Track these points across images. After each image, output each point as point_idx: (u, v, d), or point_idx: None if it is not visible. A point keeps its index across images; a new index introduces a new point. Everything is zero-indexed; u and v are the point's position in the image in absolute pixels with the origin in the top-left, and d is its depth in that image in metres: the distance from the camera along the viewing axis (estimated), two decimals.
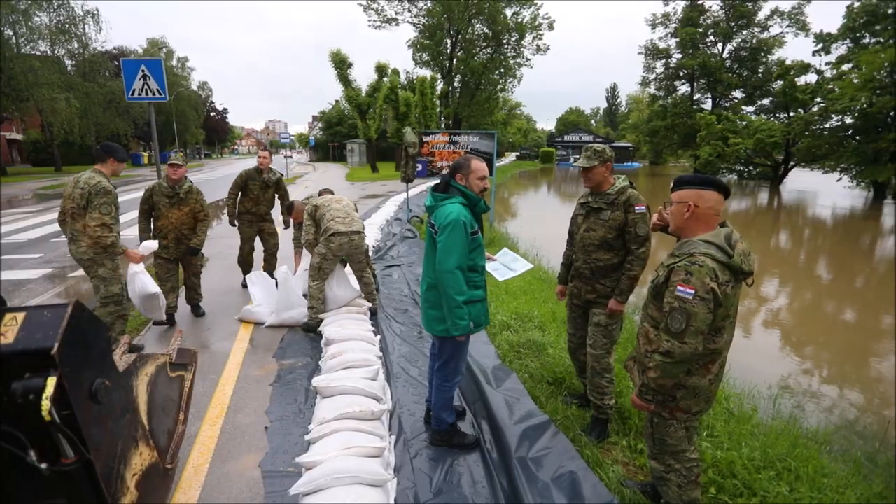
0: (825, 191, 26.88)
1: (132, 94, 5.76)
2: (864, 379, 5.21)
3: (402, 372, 3.57)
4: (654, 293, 1.91)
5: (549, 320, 4.68)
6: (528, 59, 35.17)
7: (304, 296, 5.02)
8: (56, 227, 8.41)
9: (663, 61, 42.56)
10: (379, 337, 4.01)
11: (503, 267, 2.97)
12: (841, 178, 26.22)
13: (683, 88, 42.75)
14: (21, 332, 1.28)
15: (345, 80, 27.01)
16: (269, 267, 5.61)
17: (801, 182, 32.08)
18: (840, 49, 27.78)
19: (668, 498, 2.03)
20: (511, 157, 62.86)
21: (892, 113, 23.35)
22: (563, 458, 2.40)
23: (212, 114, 60.22)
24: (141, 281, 3.76)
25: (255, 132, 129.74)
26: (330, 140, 50.09)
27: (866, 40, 25.85)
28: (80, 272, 6.46)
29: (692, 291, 1.70)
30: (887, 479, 2.75)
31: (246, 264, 5.54)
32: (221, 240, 7.92)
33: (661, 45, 42.27)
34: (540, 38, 34.32)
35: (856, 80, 22.76)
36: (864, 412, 4.42)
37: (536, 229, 11.58)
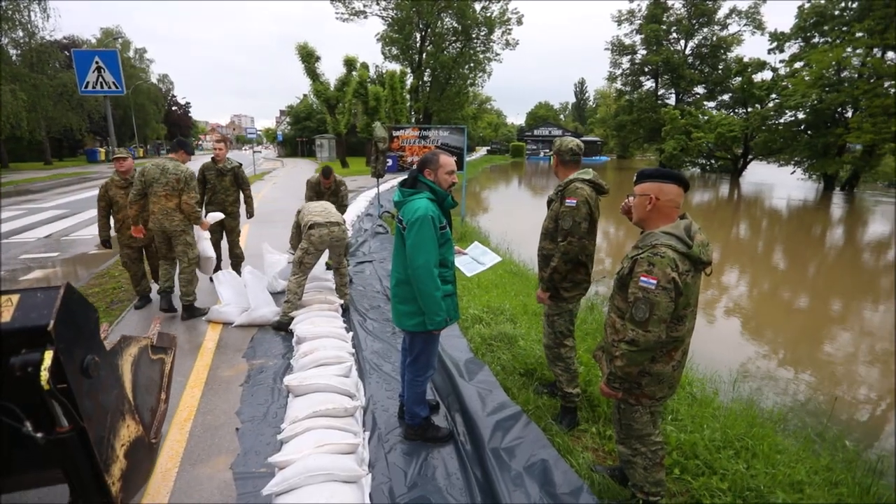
0: (781, 183, 28.16)
1: (86, 86, 5.50)
2: (816, 361, 5.51)
3: (375, 368, 3.56)
4: (620, 284, 1.97)
5: (521, 313, 4.75)
6: (497, 54, 35.39)
7: (274, 293, 4.97)
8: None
9: (629, 57, 43.59)
10: (351, 333, 3.99)
11: (473, 261, 2.99)
12: (795, 171, 27.59)
13: (648, 84, 43.94)
14: (17, 312, 1.39)
15: (313, 73, 26.49)
16: (236, 263, 5.51)
17: (759, 175, 33.50)
18: (793, 48, 29.11)
19: (635, 480, 2.11)
20: (482, 151, 63.19)
21: (839, 109, 24.67)
22: (534, 447, 2.46)
23: (174, 108, 57.95)
24: (202, 246, 4.67)
25: (221, 127, 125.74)
26: (298, 135, 49.05)
27: (816, 40, 27.14)
28: (33, 275, 6.15)
29: (654, 281, 1.76)
30: (832, 452, 2.93)
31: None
32: None
33: (627, 41, 43.31)
34: (509, 33, 34.56)
35: (807, 78, 23.91)
36: (815, 392, 4.68)
37: (507, 223, 11.72)
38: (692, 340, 2.03)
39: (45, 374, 1.31)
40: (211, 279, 5.20)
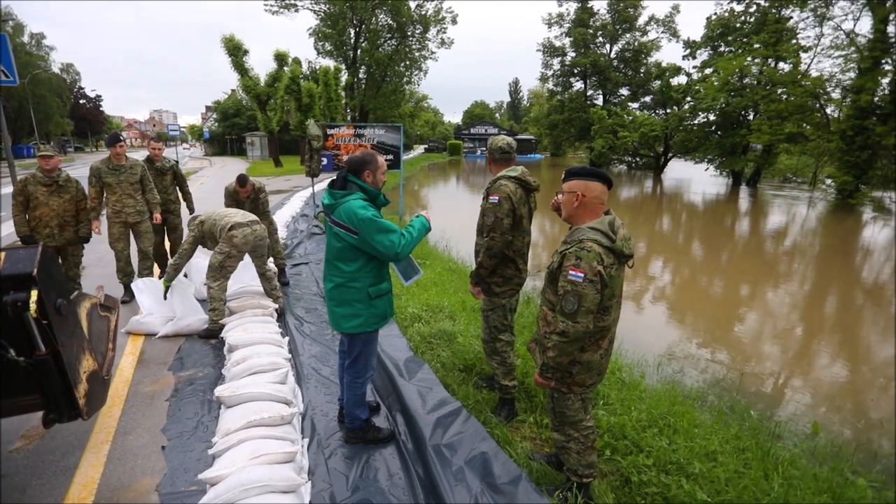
0: (697, 179, 30.58)
1: None
2: (730, 341, 6.05)
3: (314, 372, 3.47)
4: (550, 278, 2.06)
5: (460, 310, 4.82)
6: (433, 52, 35.47)
7: (201, 300, 4.70)
8: None
9: (559, 59, 45.28)
10: (287, 338, 3.86)
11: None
12: (708, 168, 30.05)
13: (578, 85, 45.86)
14: (6, 264, 1.85)
15: (241, 68, 25.21)
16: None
17: (678, 171, 36.17)
18: (703, 55, 31.68)
19: (569, 464, 2.22)
20: (419, 149, 63.15)
21: (743, 112, 27.22)
22: (475, 441, 2.51)
23: (81, 101, 52.89)
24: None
25: (139, 123, 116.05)
26: (227, 132, 46.45)
27: (722, 48, 29.73)
28: None
29: (582, 275, 1.85)
30: (740, 422, 3.24)
31: (158, 255, 5.38)
32: (101, 244, 7.04)
33: (557, 43, 44.94)
34: (444, 32, 34.74)
35: (715, 83, 26.11)
36: (728, 369, 5.14)
37: (446, 220, 11.82)
38: (621, 328, 2.16)
39: (33, 306, 1.79)
40: (129, 287, 4.83)
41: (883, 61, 18.41)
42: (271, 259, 5.53)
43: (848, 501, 2.32)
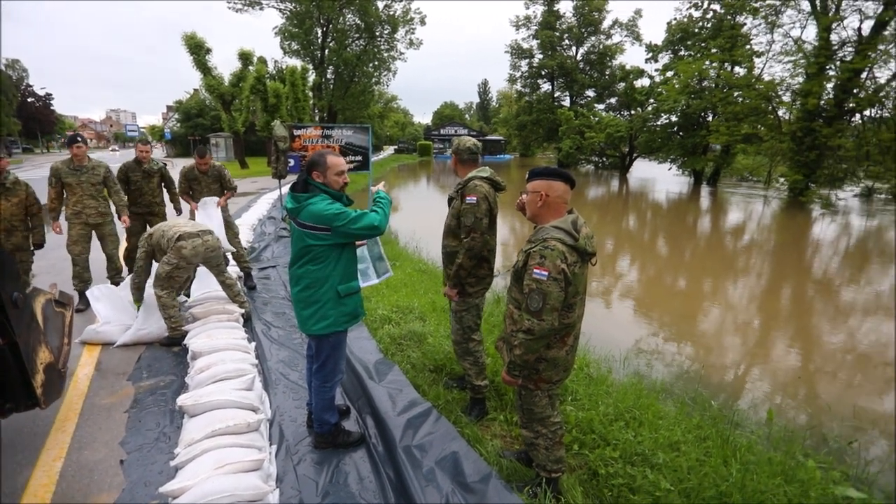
0: (661, 178, 31.57)
1: None
2: (694, 334, 6.27)
3: (282, 378, 3.41)
4: (516, 277, 2.08)
5: (430, 310, 4.81)
6: (401, 53, 35.33)
7: None
8: None
9: (527, 61, 45.90)
10: (254, 344, 3.77)
11: (368, 263, 2.97)
12: (671, 168, 31.09)
13: (546, 86, 46.61)
14: None
15: (203, 67, 24.43)
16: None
17: (643, 171, 37.25)
18: (665, 58, 32.72)
19: (538, 460, 2.25)
20: (389, 150, 62.82)
21: (702, 114, 28.31)
22: (445, 441, 2.51)
23: (30, 99, 50.18)
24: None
25: (94, 123, 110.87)
26: (190, 133, 44.99)
27: (682, 52, 30.82)
28: None
29: (546, 273, 1.89)
30: (702, 412, 3.36)
31: (132, 259, 5.18)
32: (53, 251, 6.69)
33: (525, 45, 45.53)
34: (412, 33, 34.66)
35: (676, 86, 27.02)
36: (692, 361, 5.32)
37: (416, 221, 11.81)
38: (589, 324, 2.21)
39: None
40: (84, 295, 4.63)
41: (827, 67, 19.47)
42: (234, 265, 5.39)
43: (798, 482, 2.44)
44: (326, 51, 33.01)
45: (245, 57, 25.49)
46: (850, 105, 19.19)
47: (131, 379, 3.39)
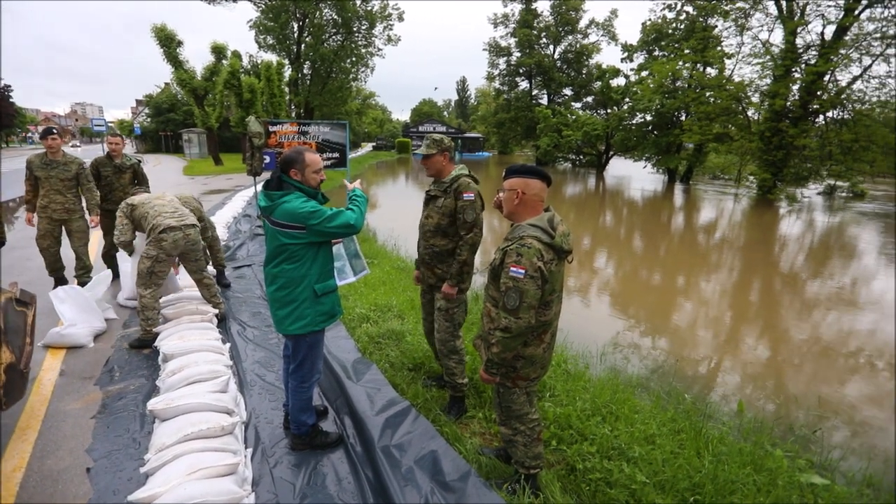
0: (636, 176, 32.18)
1: None
2: (669, 328, 6.40)
3: (258, 379, 3.34)
4: (493, 275, 2.08)
5: (408, 308, 4.79)
6: (379, 49, 35.03)
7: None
8: None
9: (505, 59, 46.14)
10: (229, 344, 3.68)
11: (343, 260, 2.93)
12: (646, 166, 31.72)
13: (523, 84, 46.95)
14: None
15: (174, 60, 23.73)
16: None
17: (619, 169, 37.89)
18: (640, 58, 33.34)
19: (517, 457, 2.26)
20: (367, 147, 62.31)
21: (676, 113, 28.97)
22: (424, 440, 2.50)
23: None
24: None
25: (58, 117, 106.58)
26: (161, 129, 43.67)
27: (657, 53, 31.46)
28: None
29: (523, 271, 1.89)
30: (676, 405, 3.44)
31: (110, 257, 5.18)
32: (13, 251, 6.42)
33: (503, 43, 45.79)
34: (390, 29, 34.40)
35: (651, 86, 27.58)
36: (667, 355, 5.43)
37: (395, 219, 11.75)
38: (567, 320, 2.22)
39: None
40: (64, 280, 4.60)
41: (793, 69, 20.18)
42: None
43: (766, 471, 2.53)
44: (303, 46, 32.49)
45: (218, 51, 24.90)
46: (815, 106, 19.93)
47: (99, 383, 3.27)
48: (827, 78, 19.59)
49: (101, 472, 2.41)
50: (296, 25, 32.31)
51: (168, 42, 23.14)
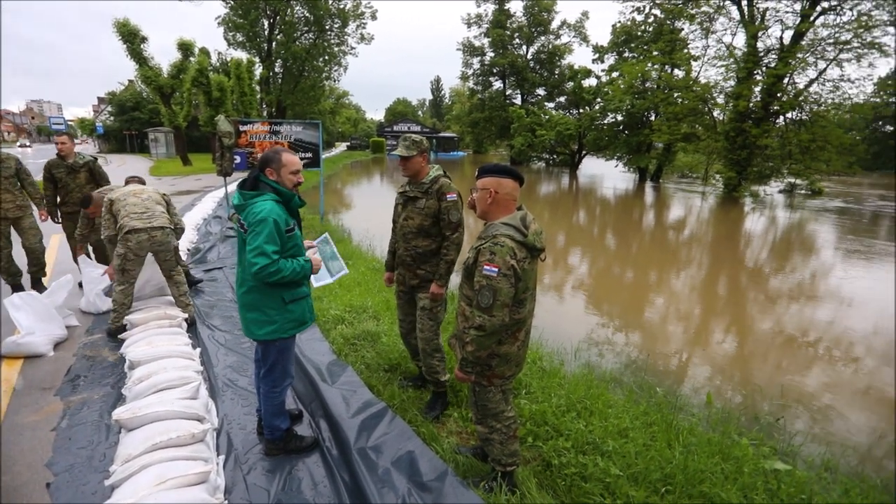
0: (608, 175, 32.82)
1: None
2: (641, 324, 6.55)
3: (230, 384, 3.26)
4: (466, 274, 2.09)
5: (383, 309, 4.76)
6: (352, 48, 34.67)
7: (99, 314, 4.26)
8: None
9: (479, 58, 46.30)
10: (199, 349, 3.58)
11: (321, 264, 2.89)
12: (618, 165, 32.40)
13: (497, 84, 47.19)
14: None
15: (139, 56, 22.97)
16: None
17: (592, 168, 38.57)
18: (610, 59, 34.00)
19: (493, 454, 2.27)
20: (341, 147, 61.66)
21: (646, 114, 29.70)
22: (400, 441, 2.49)
23: None
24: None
25: (12, 115, 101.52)
26: (125, 127, 42.14)
27: (626, 54, 32.15)
28: None
29: (496, 269, 1.90)
30: (648, 398, 3.53)
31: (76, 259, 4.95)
32: None
33: (477, 43, 45.90)
34: (363, 27, 34.07)
35: (622, 86, 28.19)
36: (640, 350, 5.55)
37: (370, 219, 11.65)
38: (542, 317, 2.25)
39: None
40: (19, 287, 4.42)
41: (755, 72, 20.96)
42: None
43: (733, 459, 2.62)
44: (274, 43, 31.86)
45: (185, 47, 24.23)
46: (775, 108, 20.75)
47: (59, 393, 3.14)
48: (786, 81, 20.43)
49: (63, 486, 2.31)
50: (266, 23, 31.66)
51: (131, 37, 22.38)
